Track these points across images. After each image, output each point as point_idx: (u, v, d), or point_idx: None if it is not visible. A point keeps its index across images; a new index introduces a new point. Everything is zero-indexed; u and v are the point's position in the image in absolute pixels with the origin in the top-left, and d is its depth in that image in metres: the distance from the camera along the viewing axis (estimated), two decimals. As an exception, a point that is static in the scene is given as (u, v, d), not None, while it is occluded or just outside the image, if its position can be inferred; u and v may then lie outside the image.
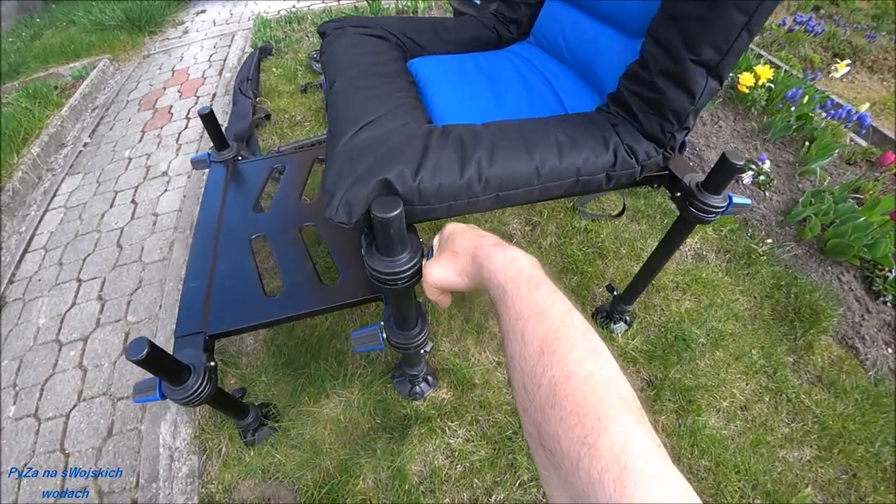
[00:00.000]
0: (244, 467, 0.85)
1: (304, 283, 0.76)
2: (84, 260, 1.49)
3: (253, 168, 1.05)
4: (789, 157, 1.52)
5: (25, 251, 1.59)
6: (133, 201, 1.65)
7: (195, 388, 0.61)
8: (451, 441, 0.86)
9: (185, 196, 1.60)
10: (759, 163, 1.45)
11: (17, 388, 1.25)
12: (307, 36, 2.33)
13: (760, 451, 0.91)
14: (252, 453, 0.87)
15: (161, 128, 1.95)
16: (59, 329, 1.33)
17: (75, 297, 1.40)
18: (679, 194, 0.68)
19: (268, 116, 1.72)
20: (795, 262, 1.21)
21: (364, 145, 0.51)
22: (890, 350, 1.02)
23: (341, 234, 0.83)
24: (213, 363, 0.65)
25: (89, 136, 2.03)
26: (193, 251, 0.83)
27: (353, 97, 0.62)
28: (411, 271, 0.49)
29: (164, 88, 2.19)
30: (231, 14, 2.86)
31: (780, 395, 0.99)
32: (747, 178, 1.43)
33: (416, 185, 0.47)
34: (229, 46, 2.41)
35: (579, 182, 0.57)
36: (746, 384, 1.01)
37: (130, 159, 1.83)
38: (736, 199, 0.68)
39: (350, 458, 0.83)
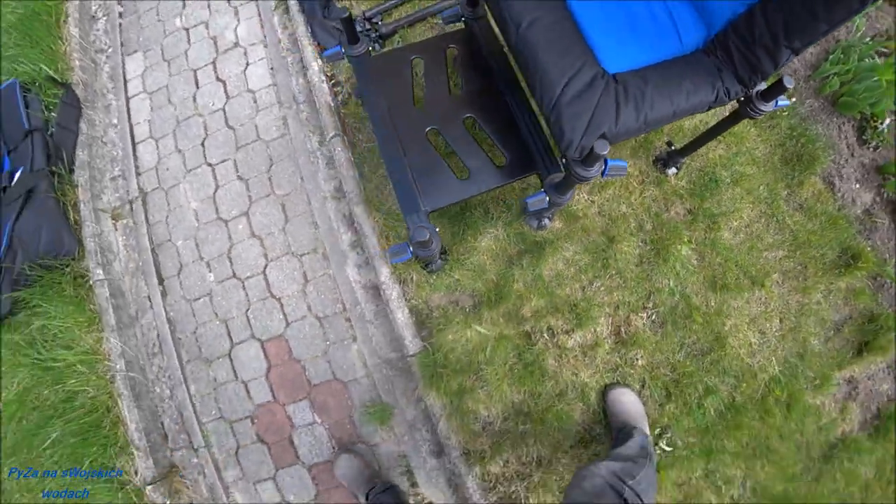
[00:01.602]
0: (432, 287, 1.47)
1: (482, 166, 1.22)
2: (202, 144, 1.77)
3: (389, 62, 1.34)
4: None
5: (134, 144, 1.84)
6: (219, 79, 1.82)
7: (436, 248, 1.14)
8: (566, 254, 1.48)
9: (272, 68, 1.80)
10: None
11: (204, 259, 1.71)
12: None
13: (752, 252, 1.56)
14: (434, 278, 1.48)
15: (199, -16, 1.97)
16: (217, 209, 1.71)
17: (215, 179, 1.73)
18: (742, 98, 1.11)
19: (330, -31, 1.80)
20: (811, 113, 1.69)
21: (577, 100, 0.91)
22: (858, 185, 1.61)
23: (500, 126, 1.25)
24: (437, 229, 1.17)
25: (118, 2, 2.02)
26: (384, 150, 1.22)
27: (544, 49, 0.96)
28: (600, 173, 0.98)
29: (177, -79, 2.06)
30: None
31: (772, 218, 1.60)
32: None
33: (616, 132, 0.91)
34: None
35: (693, 112, 1.01)
36: (752, 210, 1.60)
37: (187, 30, 1.92)
38: (780, 103, 1.11)
39: (505, 272, 1.45)
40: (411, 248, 1.15)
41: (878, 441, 1.56)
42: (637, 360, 1.48)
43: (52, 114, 1.82)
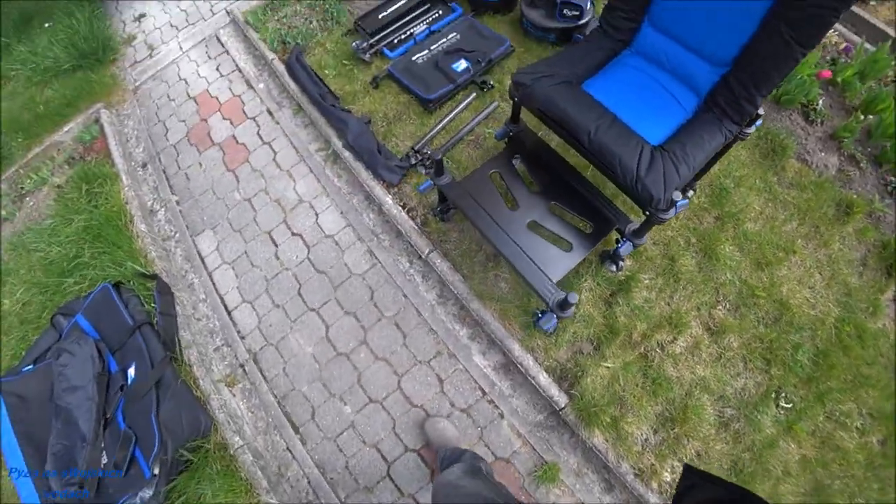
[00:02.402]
0: (556, 346, 1.88)
1: (576, 237, 1.70)
2: (299, 293, 2.11)
3: (473, 181, 1.83)
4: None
5: (228, 312, 2.16)
6: (294, 234, 2.21)
7: (573, 310, 1.57)
8: (646, 282, 1.94)
9: (342, 212, 2.22)
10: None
11: (336, 395, 1.94)
12: (311, 22, 2.68)
13: (773, 231, 2.09)
14: (555, 338, 1.90)
15: (247, 161, 2.41)
16: (334, 346, 2.02)
17: (323, 321, 2.05)
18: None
19: (368, 122, 2.31)
20: (766, 115, 2.34)
21: (650, 171, 1.41)
22: (823, 154, 2.23)
23: (576, 203, 1.75)
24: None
25: (171, 193, 2.47)
26: (502, 246, 1.65)
27: (614, 144, 1.49)
28: (670, 216, 1.48)
29: (205, 120, 2.57)
30: (183, 11, 2.99)
31: (776, 200, 2.17)
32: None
33: (680, 181, 1.42)
34: (226, 52, 2.73)
35: (714, 151, 1.56)
36: (759, 200, 2.16)
37: (248, 200, 2.32)
38: (757, 123, 1.69)
39: (608, 312, 1.89)
40: (555, 314, 1.57)
41: (944, 342, 2.04)
42: (732, 343, 1.92)
43: (152, 304, 2.13)
